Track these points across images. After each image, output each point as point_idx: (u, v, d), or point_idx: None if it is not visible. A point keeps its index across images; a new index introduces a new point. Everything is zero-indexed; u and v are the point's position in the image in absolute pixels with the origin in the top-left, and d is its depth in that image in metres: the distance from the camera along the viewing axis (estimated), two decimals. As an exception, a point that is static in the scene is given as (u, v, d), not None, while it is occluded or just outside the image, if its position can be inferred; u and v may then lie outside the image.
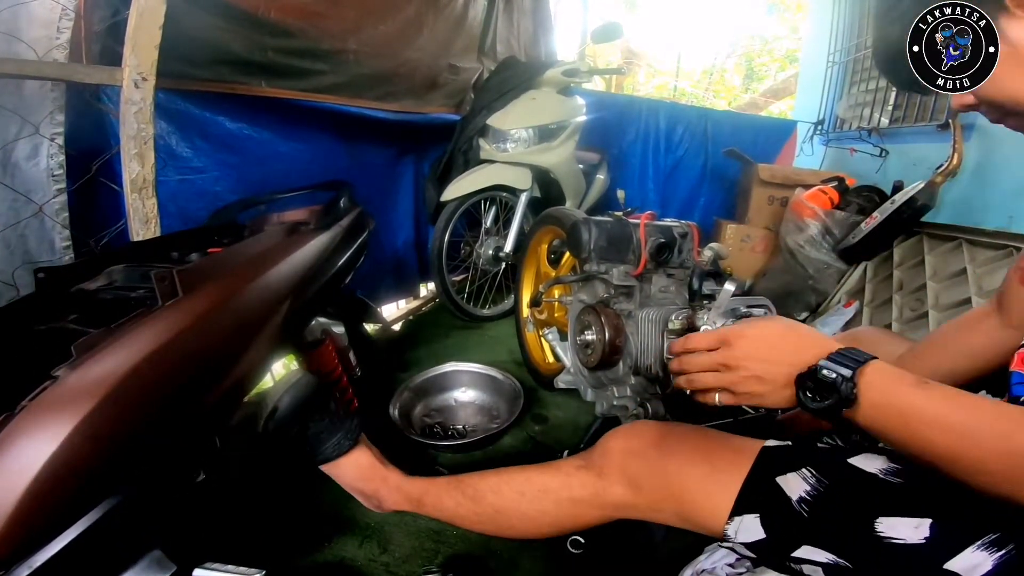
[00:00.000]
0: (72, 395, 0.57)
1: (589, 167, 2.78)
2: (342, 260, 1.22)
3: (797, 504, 0.61)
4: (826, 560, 0.58)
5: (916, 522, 0.55)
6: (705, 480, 0.68)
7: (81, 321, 0.81)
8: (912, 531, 0.54)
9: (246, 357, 0.83)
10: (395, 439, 1.44)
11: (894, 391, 0.55)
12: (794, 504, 0.61)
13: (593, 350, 1.10)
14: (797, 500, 0.61)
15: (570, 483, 0.77)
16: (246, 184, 1.70)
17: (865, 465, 0.61)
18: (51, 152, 1.26)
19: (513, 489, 0.82)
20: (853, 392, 0.56)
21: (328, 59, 1.96)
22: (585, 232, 1.14)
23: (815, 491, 0.61)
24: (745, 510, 0.64)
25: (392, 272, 2.50)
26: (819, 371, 0.58)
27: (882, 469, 0.61)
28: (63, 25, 1.23)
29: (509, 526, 0.83)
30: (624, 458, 0.74)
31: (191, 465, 0.76)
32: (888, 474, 0.60)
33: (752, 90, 8.79)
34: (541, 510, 0.80)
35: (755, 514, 0.63)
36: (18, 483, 0.51)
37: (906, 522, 0.55)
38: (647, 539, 1.09)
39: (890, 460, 0.61)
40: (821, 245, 2.41)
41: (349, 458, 0.95)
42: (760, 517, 0.62)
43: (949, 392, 0.55)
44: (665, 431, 0.75)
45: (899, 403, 0.55)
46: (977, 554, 0.51)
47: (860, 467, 0.61)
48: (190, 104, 1.58)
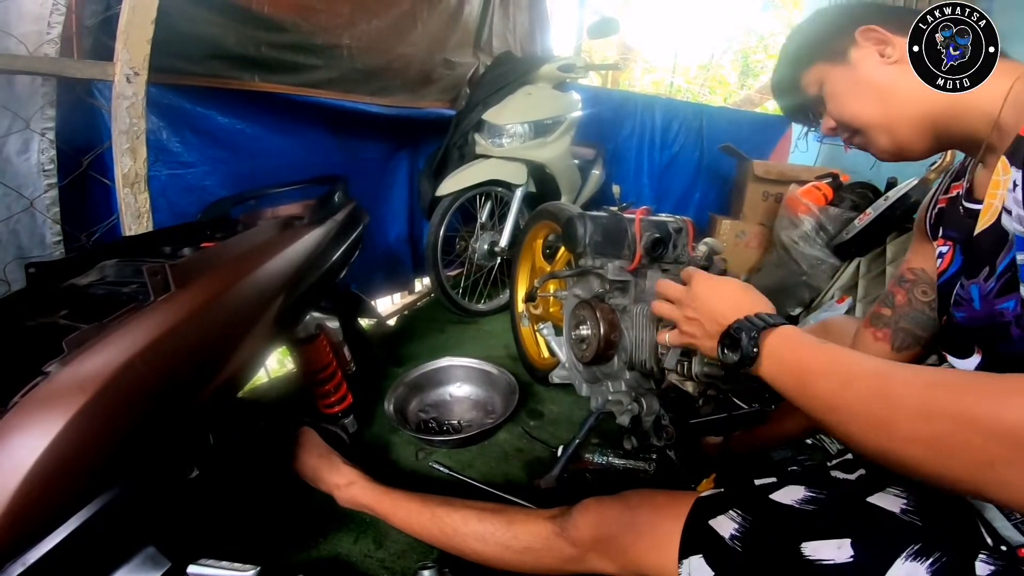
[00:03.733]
0: (64, 391, 0.56)
1: (585, 162, 2.77)
2: (336, 255, 1.21)
3: (730, 541, 0.68)
4: None
5: (837, 543, 0.60)
6: (654, 538, 0.76)
7: (73, 316, 0.81)
8: (836, 551, 0.59)
9: (240, 352, 0.83)
10: (379, 437, 1.44)
11: (793, 349, 0.59)
12: (727, 542, 0.68)
13: (588, 345, 1.11)
14: (729, 538, 0.68)
15: (551, 547, 0.87)
16: (238, 179, 1.70)
17: (783, 498, 0.70)
18: (42, 147, 1.25)
19: (499, 543, 0.90)
20: (754, 350, 0.61)
21: (322, 54, 1.94)
22: (580, 227, 1.14)
23: (742, 528, 0.69)
24: (691, 552, 0.71)
25: (387, 267, 2.50)
26: (732, 329, 0.65)
27: (797, 500, 0.68)
28: (54, 20, 1.22)
29: (487, 564, 0.93)
30: (592, 532, 0.83)
31: (185, 461, 0.76)
32: (803, 503, 0.68)
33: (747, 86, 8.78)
34: (523, 563, 0.89)
35: (699, 555, 0.70)
36: (10, 480, 0.51)
37: (828, 544, 0.60)
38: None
39: (807, 490, 0.69)
40: (815, 241, 2.42)
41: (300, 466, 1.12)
42: (704, 557, 0.69)
43: (843, 350, 0.57)
44: (622, 504, 0.83)
45: (795, 359, 0.59)
46: (908, 565, 0.55)
47: (779, 500, 0.70)
48: (182, 99, 1.56)
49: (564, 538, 0.85)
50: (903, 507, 0.62)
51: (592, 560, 0.83)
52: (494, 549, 0.90)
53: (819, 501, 0.67)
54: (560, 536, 0.85)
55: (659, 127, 3.47)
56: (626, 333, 1.08)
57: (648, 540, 0.77)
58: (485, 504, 0.98)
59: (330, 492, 1.10)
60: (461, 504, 0.98)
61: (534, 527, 0.89)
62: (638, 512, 0.80)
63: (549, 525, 0.87)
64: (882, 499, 0.64)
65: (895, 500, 0.63)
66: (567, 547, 0.85)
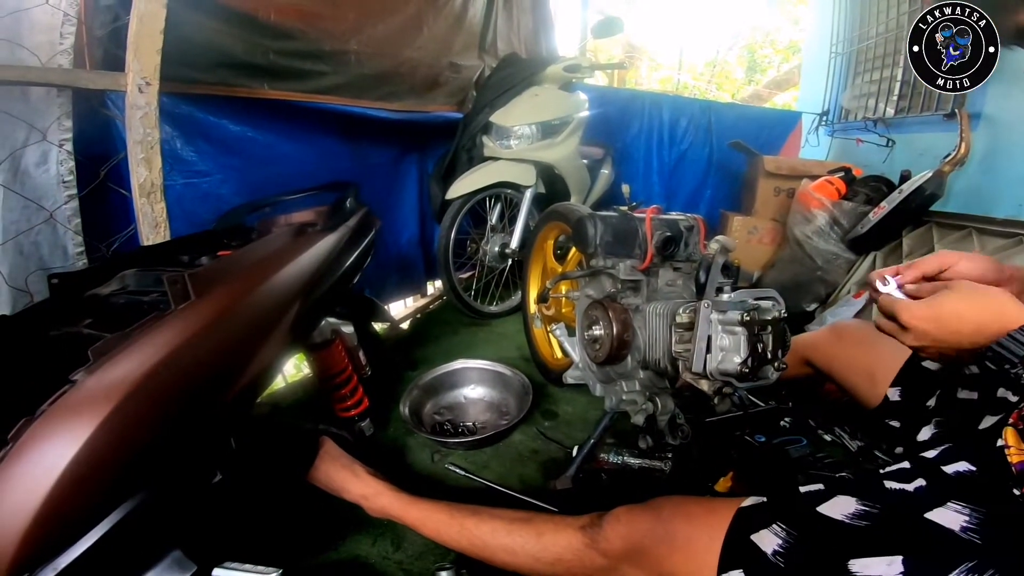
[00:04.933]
0: (91, 399, 0.58)
1: (593, 162, 2.77)
2: (350, 260, 1.22)
3: (772, 557, 0.66)
4: None
5: (888, 560, 0.58)
6: (690, 552, 0.74)
7: (95, 326, 0.82)
8: (886, 568, 0.58)
9: (258, 358, 0.84)
10: (396, 439, 1.45)
11: None
12: (769, 558, 0.66)
13: (601, 345, 1.11)
14: (772, 553, 0.66)
15: (582, 559, 0.85)
16: (251, 186, 1.72)
17: (831, 512, 0.66)
18: (60, 158, 1.27)
19: (529, 555, 0.89)
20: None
21: (329, 60, 1.96)
22: (591, 227, 1.14)
23: (786, 544, 0.66)
24: (730, 567, 0.69)
25: (399, 271, 2.51)
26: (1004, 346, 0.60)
27: (848, 514, 0.65)
28: (65, 31, 1.24)
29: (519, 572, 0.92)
30: (624, 544, 0.81)
31: (208, 466, 0.77)
32: (855, 518, 0.64)
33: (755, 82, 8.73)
34: (554, 574, 0.88)
35: (739, 570, 0.68)
36: (41, 486, 0.52)
37: (878, 561, 0.59)
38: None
39: (859, 503, 0.65)
40: (829, 236, 2.40)
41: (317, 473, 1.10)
42: (744, 572, 0.68)
43: None
44: (653, 515, 0.81)
45: None
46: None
47: (827, 514, 0.66)
48: (193, 108, 1.59)
49: (595, 549, 0.83)
50: (964, 524, 0.58)
51: (625, 570, 0.82)
52: (524, 560, 0.89)
53: (872, 516, 0.64)
54: (591, 547, 0.84)
55: (667, 125, 3.45)
56: (639, 332, 1.08)
57: (683, 553, 0.75)
58: (513, 513, 0.97)
59: (356, 503, 1.09)
60: (488, 515, 0.96)
61: (564, 539, 0.87)
62: (672, 524, 0.78)
63: (579, 536, 0.86)
64: (942, 515, 0.60)
65: (956, 516, 0.59)
66: (599, 558, 0.83)
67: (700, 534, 0.74)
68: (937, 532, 0.59)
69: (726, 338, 0.85)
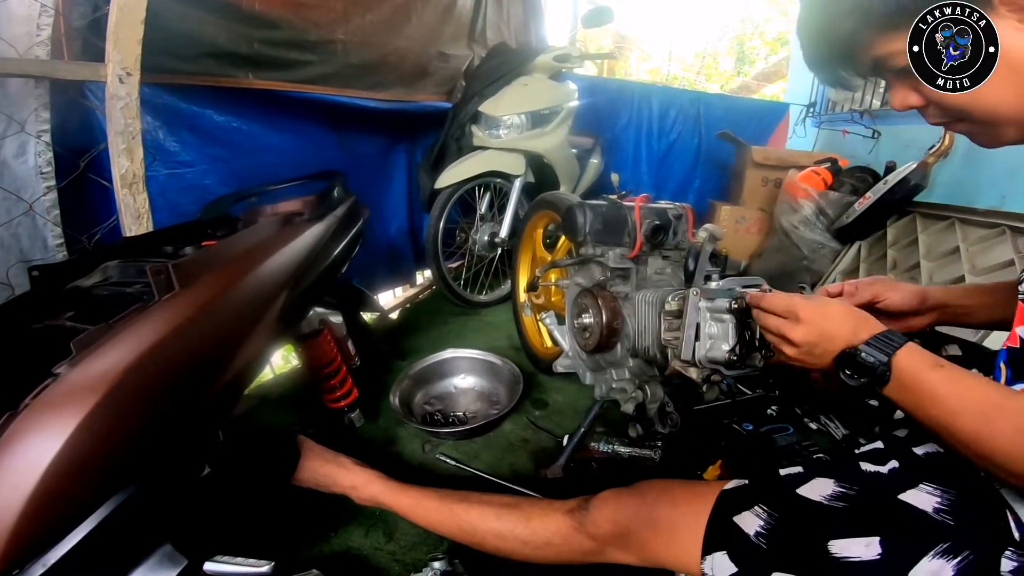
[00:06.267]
0: (75, 392, 0.57)
1: (583, 152, 2.77)
2: (338, 249, 1.21)
3: (755, 538, 0.67)
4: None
5: (866, 541, 0.60)
6: (675, 533, 0.76)
7: (78, 318, 0.81)
8: (864, 549, 0.59)
9: (245, 349, 0.83)
10: (386, 430, 1.45)
11: (916, 374, 0.60)
12: (752, 539, 0.67)
13: (591, 333, 1.11)
14: (754, 535, 0.68)
15: (570, 542, 0.86)
16: (236, 177, 1.69)
17: (811, 494, 0.68)
18: (38, 150, 1.25)
19: (517, 539, 0.89)
20: (886, 376, 0.61)
21: (315, 49, 1.93)
22: (580, 215, 1.14)
23: (768, 525, 0.68)
24: (714, 548, 0.70)
25: (388, 261, 2.50)
26: (858, 354, 0.63)
27: (827, 495, 0.67)
28: (43, 22, 1.22)
29: (509, 558, 0.92)
30: (611, 528, 0.82)
31: (196, 459, 0.77)
32: (832, 499, 0.66)
33: (744, 73, 8.74)
34: (544, 556, 0.89)
35: (723, 551, 0.69)
36: (27, 481, 0.51)
37: (856, 542, 0.60)
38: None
39: (837, 485, 0.67)
40: (815, 225, 2.42)
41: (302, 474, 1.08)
42: (728, 553, 0.69)
43: (956, 374, 0.59)
44: (639, 499, 0.82)
45: (917, 385, 0.60)
46: (935, 563, 0.55)
47: (806, 496, 0.68)
48: (176, 98, 1.56)
49: (583, 533, 0.85)
50: (936, 506, 0.61)
51: (612, 553, 0.83)
52: (513, 545, 0.90)
53: (849, 498, 0.66)
54: (579, 531, 0.85)
55: (656, 115, 3.45)
56: (628, 320, 1.08)
57: (668, 536, 0.76)
58: (502, 499, 0.97)
59: (345, 494, 1.08)
60: (478, 500, 0.97)
61: (552, 523, 0.88)
62: (656, 507, 0.79)
63: (567, 520, 0.87)
64: (915, 496, 0.62)
65: (928, 498, 0.62)
66: (586, 541, 0.84)
67: (684, 517, 0.76)
68: (911, 513, 0.61)
69: (714, 326, 0.85)
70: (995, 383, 0.59)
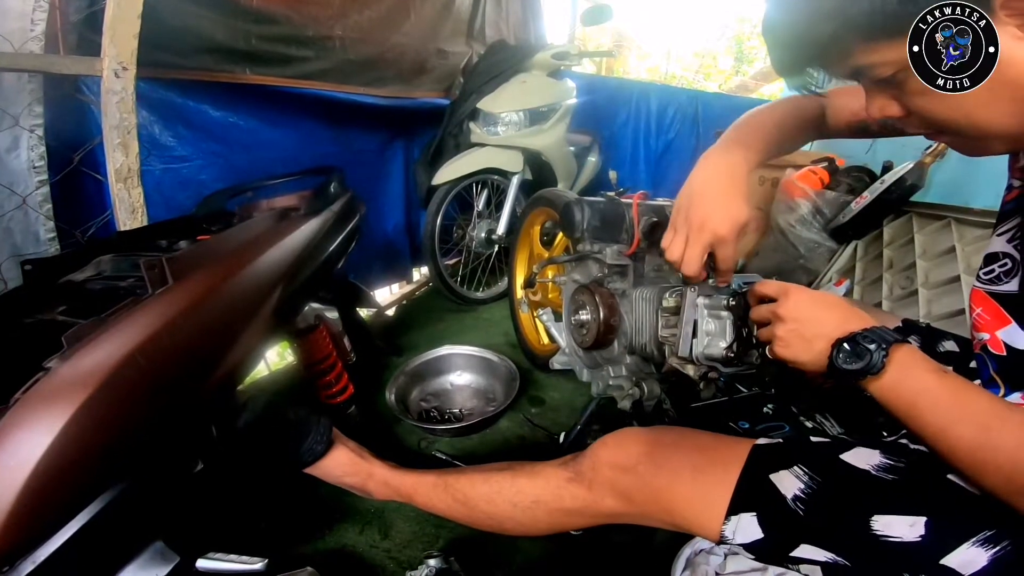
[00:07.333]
0: (65, 386, 0.56)
1: (580, 149, 2.77)
2: (334, 245, 1.21)
3: (792, 503, 0.61)
4: (825, 559, 0.59)
5: (911, 520, 0.55)
6: (697, 485, 0.67)
7: (70, 312, 0.80)
8: (908, 529, 0.55)
9: (239, 344, 0.83)
10: (382, 426, 1.44)
11: (914, 372, 0.57)
12: (789, 503, 0.61)
13: (588, 330, 1.11)
14: (792, 499, 0.61)
15: (561, 495, 0.78)
16: (232, 172, 1.69)
17: (857, 461, 0.62)
18: (31, 144, 1.24)
19: (506, 500, 0.82)
20: (883, 361, 0.57)
21: (313, 45, 1.93)
22: (578, 212, 1.14)
23: (809, 489, 0.61)
24: (741, 509, 0.63)
25: (384, 257, 2.50)
26: (859, 337, 0.59)
27: (875, 465, 0.61)
28: (37, 17, 1.21)
29: (503, 529, 0.85)
30: (613, 472, 0.74)
31: (189, 455, 0.76)
32: (881, 470, 0.60)
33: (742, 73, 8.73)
34: (534, 518, 0.81)
35: (752, 513, 0.63)
36: (16, 477, 0.50)
37: (901, 520, 0.56)
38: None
39: (883, 456, 0.62)
40: (812, 224, 2.42)
41: (328, 459, 0.96)
42: (757, 516, 0.63)
43: (960, 383, 0.56)
44: (653, 439, 0.74)
45: (914, 384, 0.57)
46: (972, 550, 0.52)
47: (853, 463, 0.62)
48: (172, 93, 1.55)
49: (578, 482, 0.77)
50: None
51: (608, 503, 0.74)
52: (502, 508, 0.82)
53: (899, 471, 0.60)
54: (573, 481, 0.77)
55: (655, 113, 3.45)
56: (626, 317, 1.08)
57: (689, 486, 0.67)
58: (495, 464, 0.91)
59: (366, 488, 0.98)
60: (471, 470, 0.91)
61: (542, 478, 0.82)
62: (676, 452, 0.71)
63: (559, 472, 0.80)
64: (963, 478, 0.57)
65: None
66: (581, 491, 0.76)
67: (712, 466, 0.68)
68: (961, 495, 0.56)
69: (712, 322, 0.85)
70: (996, 396, 0.57)
